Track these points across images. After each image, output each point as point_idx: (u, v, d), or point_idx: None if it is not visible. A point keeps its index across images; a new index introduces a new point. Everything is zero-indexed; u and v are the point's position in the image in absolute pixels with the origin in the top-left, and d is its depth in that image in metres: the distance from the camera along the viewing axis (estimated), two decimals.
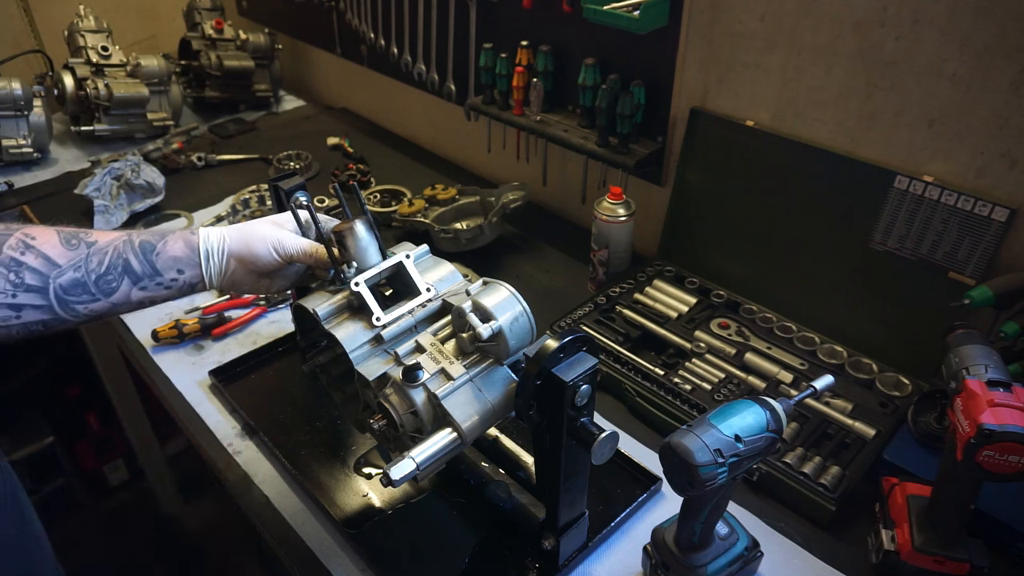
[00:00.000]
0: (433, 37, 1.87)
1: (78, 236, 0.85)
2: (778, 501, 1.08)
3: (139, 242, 0.87)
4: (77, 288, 0.83)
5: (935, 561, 0.91)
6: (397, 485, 0.77)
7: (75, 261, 0.83)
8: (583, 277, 1.57)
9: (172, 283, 0.88)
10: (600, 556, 1.01)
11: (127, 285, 0.86)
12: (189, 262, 0.88)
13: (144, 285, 0.87)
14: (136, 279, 0.86)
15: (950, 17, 1.07)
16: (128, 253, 0.86)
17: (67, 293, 0.82)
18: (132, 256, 0.86)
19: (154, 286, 0.87)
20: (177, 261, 0.88)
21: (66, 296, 0.82)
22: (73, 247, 0.84)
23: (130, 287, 0.86)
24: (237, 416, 1.25)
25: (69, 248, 0.83)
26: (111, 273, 0.85)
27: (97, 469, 2.77)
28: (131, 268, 0.86)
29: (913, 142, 1.17)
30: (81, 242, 0.85)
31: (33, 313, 0.81)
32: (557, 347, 0.78)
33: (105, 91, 2.06)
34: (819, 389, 0.90)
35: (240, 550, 2.60)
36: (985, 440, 0.79)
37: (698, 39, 1.37)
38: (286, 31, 2.58)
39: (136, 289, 0.86)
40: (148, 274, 0.87)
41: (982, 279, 1.11)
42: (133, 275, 0.86)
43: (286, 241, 0.92)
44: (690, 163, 1.45)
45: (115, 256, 0.85)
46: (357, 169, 2.00)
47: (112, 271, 0.85)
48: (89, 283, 0.83)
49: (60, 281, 0.82)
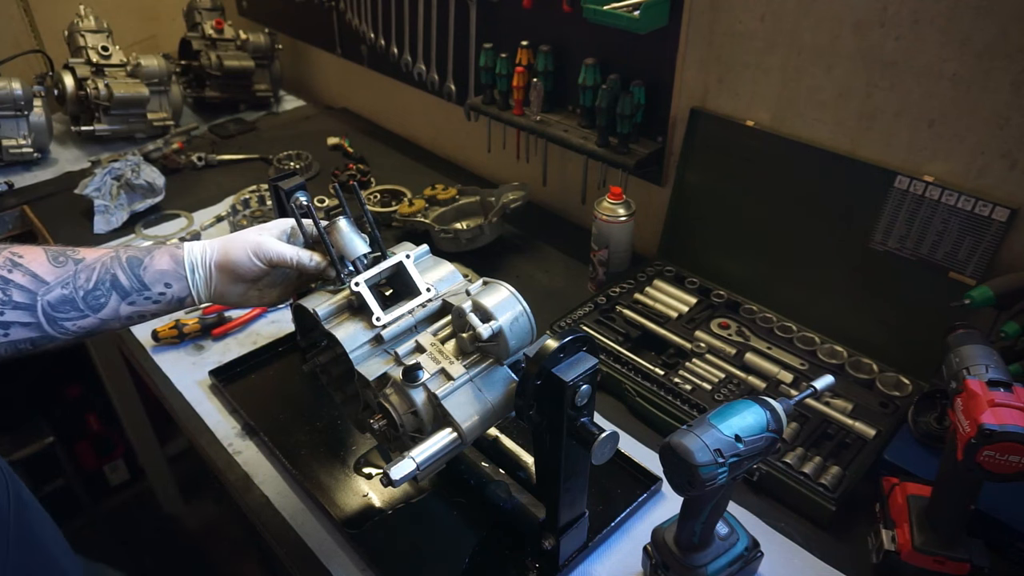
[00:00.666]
0: (433, 37, 1.87)
1: (65, 253, 0.86)
2: (778, 501, 1.08)
3: (126, 257, 0.88)
4: (65, 305, 0.83)
5: (935, 561, 0.91)
6: (397, 485, 0.77)
7: (63, 278, 0.83)
8: (583, 277, 1.57)
9: (160, 297, 0.89)
10: (600, 556, 1.01)
11: (115, 300, 0.86)
12: (175, 275, 0.89)
13: (133, 300, 0.87)
14: (124, 294, 0.86)
15: (950, 17, 1.07)
16: (116, 268, 0.87)
17: (55, 310, 0.82)
18: (120, 271, 0.87)
19: (142, 300, 0.88)
20: (164, 275, 0.89)
21: (54, 313, 0.82)
22: (61, 264, 0.84)
23: (119, 302, 0.86)
24: (237, 416, 1.25)
25: (57, 265, 0.84)
26: (99, 288, 0.85)
27: (97, 469, 2.77)
28: (119, 283, 0.86)
29: (913, 142, 1.17)
30: (69, 259, 0.85)
31: (21, 331, 0.81)
32: (557, 347, 0.78)
33: (105, 91, 2.06)
34: (819, 389, 0.90)
35: (240, 550, 2.60)
36: (985, 440, 0.79)
37: (698, 39, 1.37)
38: (286, 31, 2.58)
39: (125, 304, 0.87)
40: (136, 288, 0.87)
41: (982, 279, 1.11)
42: (121, 290, 0.86)
43: (265, 245, 0.91)
44: (690, 163, 1.45)
45: (103, 272, 0.86)
46: (357, 169, 2.00)
47: (100, 287, 0.85)
48: (77, 299, 0.84)
49: (48, 298, 0.82)
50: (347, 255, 0.92)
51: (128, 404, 2.52)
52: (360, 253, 0.92)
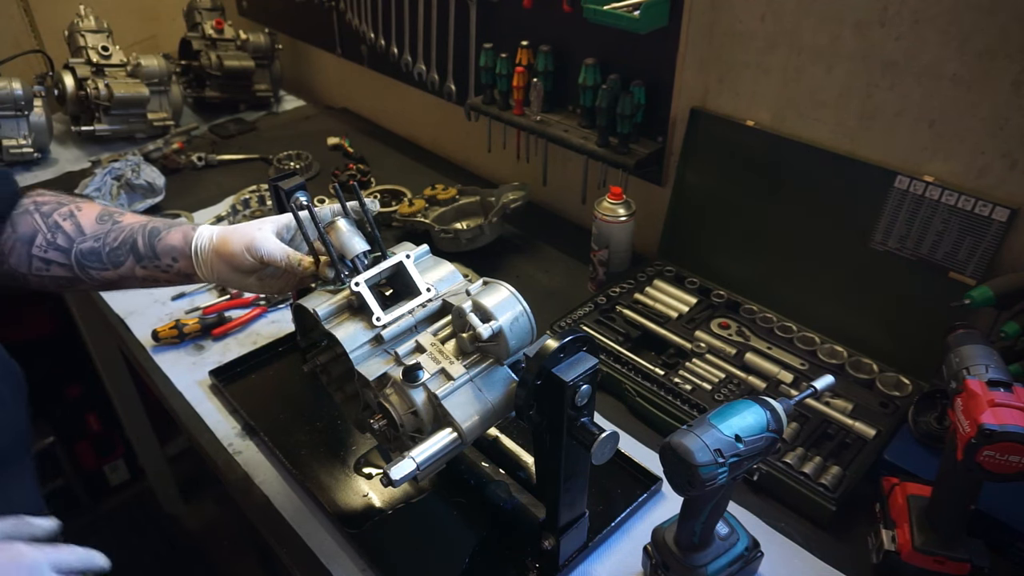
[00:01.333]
0: (433, 37, 1.87)
1: (111, 215, 1.00)
2: (778, 501, 1.08)
3: (150, 227, 0.98)
4: (92, 256, 0.96)
5: (935, 561, 0.91)
6: (397, 485, 0.77)
7: (97, 233, 0.97)
8: (583, 277, 1.57)
9: (168, 268, 0.98)
10: (600, 556, 1.01)
11: (131, 261, 0.97)
12: (182, 253, 0.97)
13: (145, 264, 0.97)
14: (139, 258, 0.97)
15: (951, 17, 1.07)
16: (138, 234, 0.97)
17: (85, 258, 0.96)
18: (140, 237, 0.97)
19: (153, 267, 0.98)
20: (172, 250, 0.97)
21: (84, 261, 0.96)
22: (103, 222, 0.98)
23: (134, 264, 0.97)
24: (237, 416, 1.25)
25: (100, 223, 0.98)
26: (121, 248, 0.97)
27: (97, 469, 2.77)
28: (136, 247, 0.97)
29: (914, 142, 1.17)
30: (110, 219, 0.99)
31: (59, 269, 0.96)
32: (557, 347, 0.78)
33: (105, 91, 2.06)
34: (819, 389, 0.90)
35: (240, 550, 2.60)
36: (985, 440, 0.79)
37: (698, 39, 1.37)
38: (286, 31, 2.58)
39: (139, 267, 0.97)
40: (148, 256, 0.97)
41: (982, 279, 1.11)
42: (137, 254, 0.97)
43: (258, 242, 0.94)
44: (690, 163, 1.45)
45: (128, 235, 0.97)
46: (357, 169, 2.00)
47: (122, 247, 0.97)
48: (103, 254, 0.96)
49: (81, 247, 0.96)
50: (346, 254, 0.92)
51: (128, 404, 2.52)
52: (359, 251, 0.92)
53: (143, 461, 2.69)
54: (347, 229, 0.93)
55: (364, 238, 0.94)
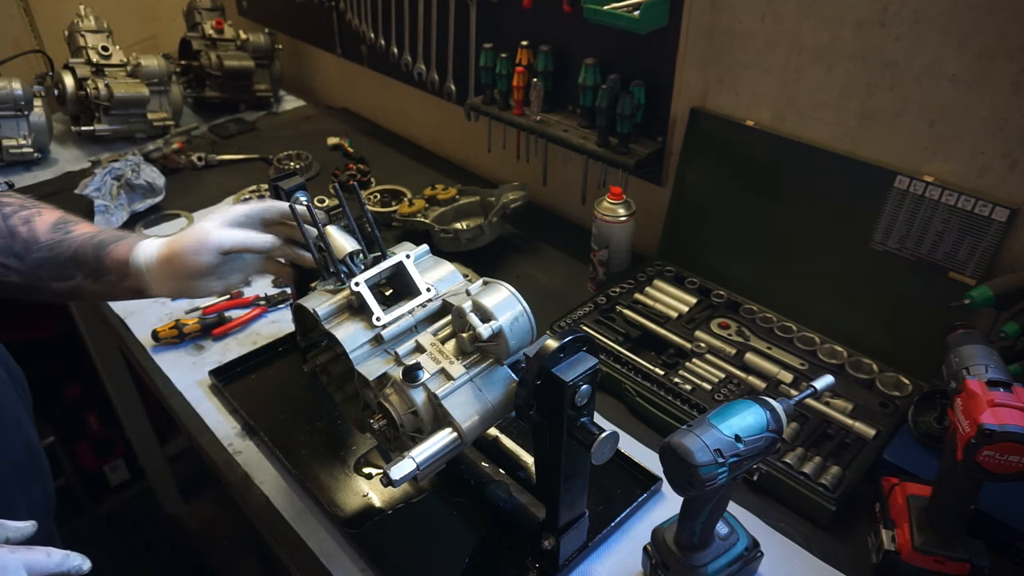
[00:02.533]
0: (433, 37, 1.87)
1: (67, 224, 0.96)
2: (778, 501, 1.08)
3: (99, 239, 0.95)
4: (46, 266, 0.93)
5: (935, 561, 0.91)
6: (397, 485, 0.77)
7: (51, 243, 0.93)
8: (583, 277, 1.57)
9: (118, 283, 0.95)
10: (600, 556, 1.01)
11: (82, 276, 0.94)
12: (124, 270, 0.94)
13: (96, 279, 0.94)
14: (87, 272, 0.94)
15: (951, 17, 1.07)
16: (88, 247, 0.94)
17: (40, 268, 0.93)
18: (90, 251, 0.94)
19: (104, 282, 0.95)
20: (116, 264, 0.94)
21: (39, 271, 0.93)
22: (58, 231, 0.94)
23: (84, 278, 0.94)
24: (237, 416, 1.25)
25: (54, 232, 0.94)
26: (70, 262, 0.93)
27: (97, 469, 2.77)
28: (86, 262, 0.94)
29: (913, 142, 1.17)
30: (64, 228, 0.95)
31: (14, 276, 0.92)
32: (557, 347, 0.78)
33: (105, 91, 2.06)
34: (819, 389, 0.90)
35: (240, 550, 2.60)
36: (985, 440, 0.79)
37: (698, 39, 1.37)
38: (286, 31, 2.58)
39: (89, 282, 0.94)
40: (96, 270, 0.94)
41: (982, 279, 1.11)
42: (86, 268, 0.94)
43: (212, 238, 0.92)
44: (690, 163, 1.45)
45: (79, 248, 0.94)
46: (357, 169, 2.00)
47: (71, 261, 0.93)
48: (56, 265, 0.93)
49: (36, 256, 0.93)
50: (337, 254, 0.93)
51: (128, 404, 2.52)
52: (348, 251, 0.93)
53: (143, 461, 2.69)
54: (334, 232, 0.94)
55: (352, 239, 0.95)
